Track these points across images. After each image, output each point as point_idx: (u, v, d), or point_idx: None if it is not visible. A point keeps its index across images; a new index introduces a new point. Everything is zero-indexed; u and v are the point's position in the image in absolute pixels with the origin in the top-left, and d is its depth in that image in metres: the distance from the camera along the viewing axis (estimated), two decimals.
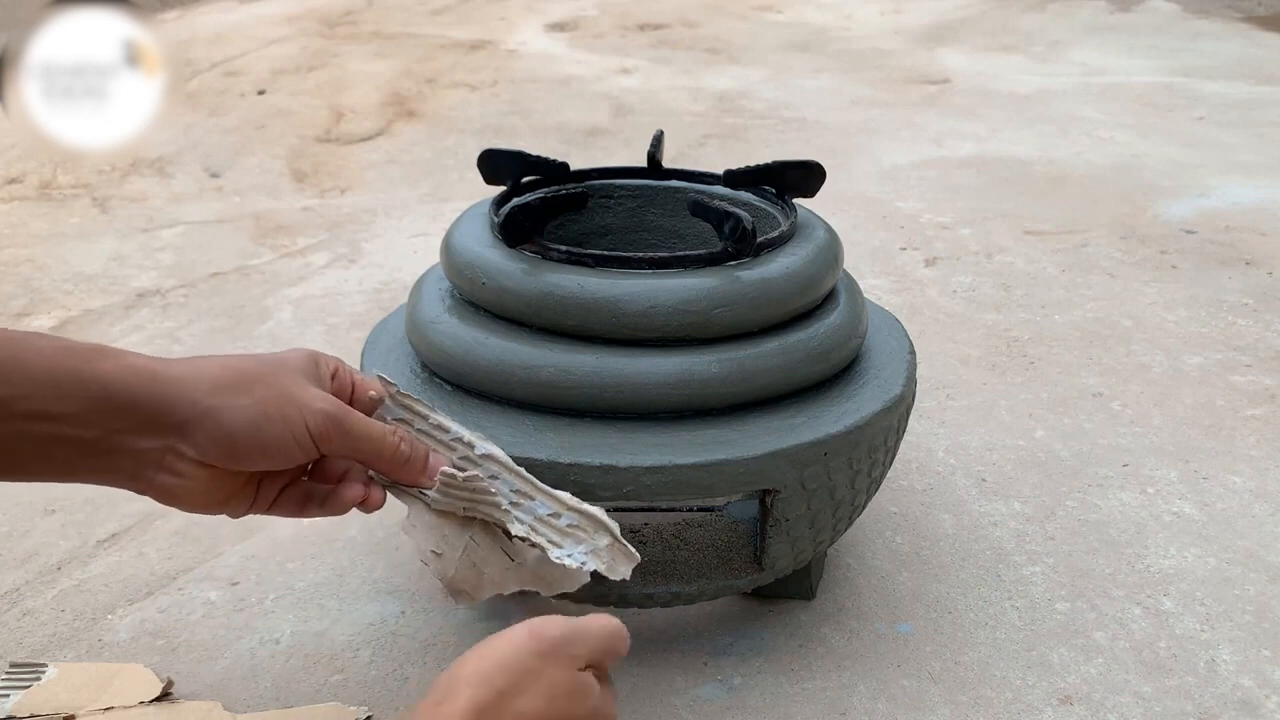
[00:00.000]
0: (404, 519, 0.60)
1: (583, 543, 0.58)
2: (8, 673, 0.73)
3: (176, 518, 0.94)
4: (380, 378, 0.59)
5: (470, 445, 0.59)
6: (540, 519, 0.59)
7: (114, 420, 0.49)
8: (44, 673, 0.73)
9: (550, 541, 0.58)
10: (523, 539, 0.57)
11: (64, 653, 0.77)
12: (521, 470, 0.59)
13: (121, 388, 0.49)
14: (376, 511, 0.60)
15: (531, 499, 0.59)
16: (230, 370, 0.52)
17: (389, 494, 0.60)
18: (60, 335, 0.51)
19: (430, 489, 0.58)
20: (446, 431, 0.60)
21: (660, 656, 0.77)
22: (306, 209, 1.74)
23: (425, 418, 0.60)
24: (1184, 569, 0.87)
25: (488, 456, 0.59)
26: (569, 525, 0.58)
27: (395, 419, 0.59)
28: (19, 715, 0.68)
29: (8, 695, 0.70)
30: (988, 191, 1.81)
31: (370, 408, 0.58)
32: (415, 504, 0.59)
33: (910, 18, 3.38)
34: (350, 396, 0.58)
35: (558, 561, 0.57)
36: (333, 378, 0.57)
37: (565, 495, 0.59)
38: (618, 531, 0.58)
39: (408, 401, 0.59)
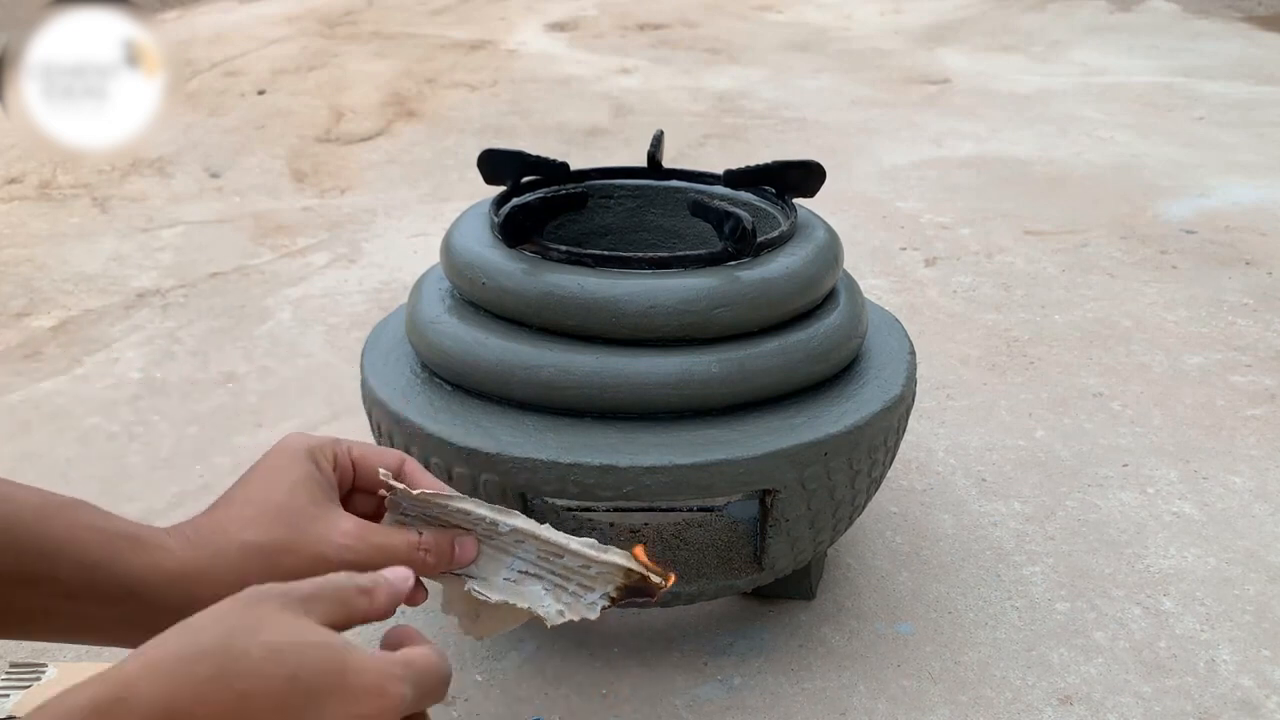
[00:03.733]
0: (441, 601, 0.59)
1: (610, 583, 0.57)
2: (8, 673, 0.73)
3: (176, 517, 0.94)
4: (387, 484, 0.55)
5: (494, 524, 0.58)
6: (570, 569, 0.58)
7: (144, 612, 0.48)
8: (44, 673, 0.73)
9: (582, 586, 0.57)
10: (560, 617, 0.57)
11: (64, 652, 0.77)
12: (546, 532, 0.57)
13: (150, 589, 0.48)
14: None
15: (560, 557, 0.58)
16: (254, 552, 0.50)
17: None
18: (106, 511, 0.51)
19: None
20: (467, 514, 0.58)
21: (660, 656, 0.77)
22: (306, 209, 1.74)
23: (443, 506, 0.58)
24: (1184, 569, 0.87)
25: (513, 530, 0.58)
26: (597, 573, 0.58)
27: (413, 511, 0.57)
28: (19, 715, 0.68)
29: (8, 695, 0.70)
30: (988, 191, 1.81)
31: (376, 485, 0.56)
32: (449, 581, 0.59)
33: (910, 18, 3.38)
34: (352, 481, 0.56)
35: (591, 615, 0.57)
36: (334, 468, 0.54)
37: (591, 550, 0.57)
38: (644, 569, 0.57)
39: (422, 497, 0.57)
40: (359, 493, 0.55)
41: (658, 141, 0.87)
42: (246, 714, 0.37)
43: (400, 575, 0.47)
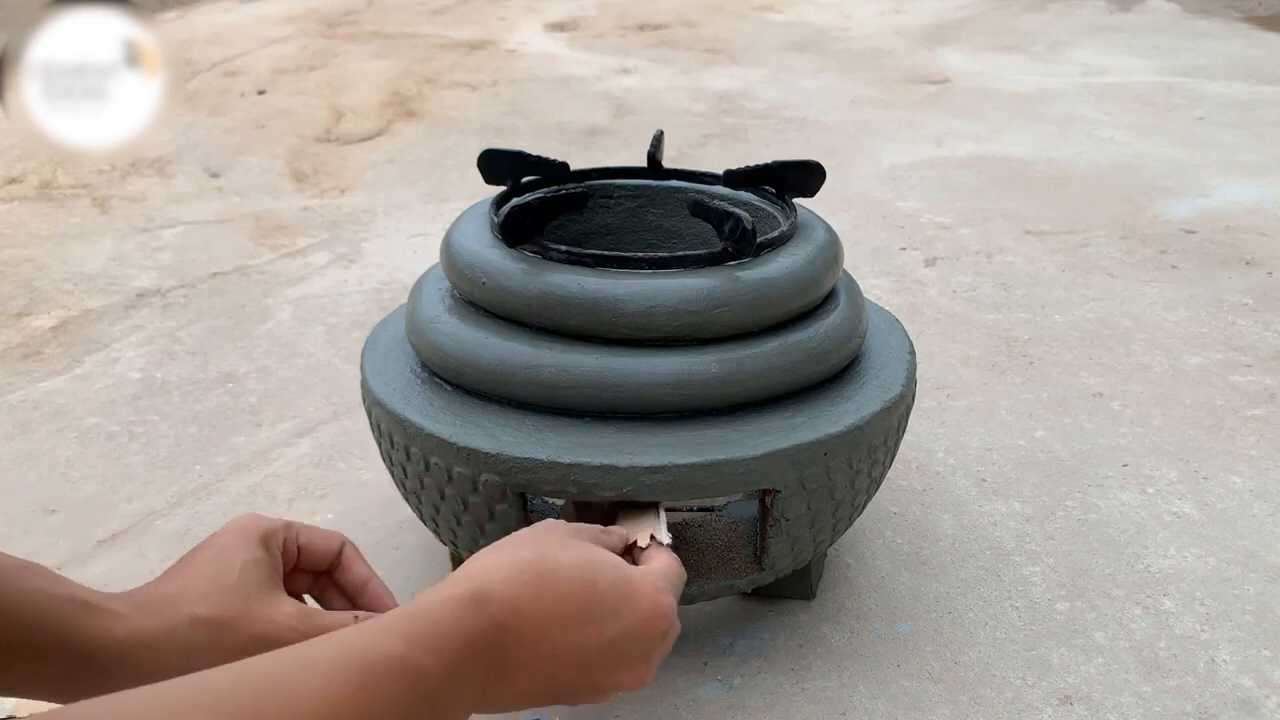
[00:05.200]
0: None
1: None
2: None
3: (176, 518, 0.94)
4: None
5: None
6: None
7: (91, 673, 0.51)
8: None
9: None
10: None
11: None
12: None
13: (101, 654, 0.50)
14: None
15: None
16: (202, 625, 0.52)
17: None
18: (56, 570, 0.54)
19: None
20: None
21: None
22: (306, 209, 1.74)
23: None
24: (1184, 569, 0.87)
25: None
26: None
27: None
28: (19, 716, 0.68)
29: (8, 695, 0.70)
30: (988, 191, 1.81)
31: (317, 567, 0.58)
32: None
33: (910, 18, 3.38)
34: (295, 562, 0.58)
35: None
36: (282, 552, 0.57)
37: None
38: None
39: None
40: (300, 573, 0.58)
41: (658, 141, 0.87)
42: (561, 613, 0.46)
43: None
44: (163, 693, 0.35)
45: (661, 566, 0.52)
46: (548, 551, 0.47)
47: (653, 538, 0.57)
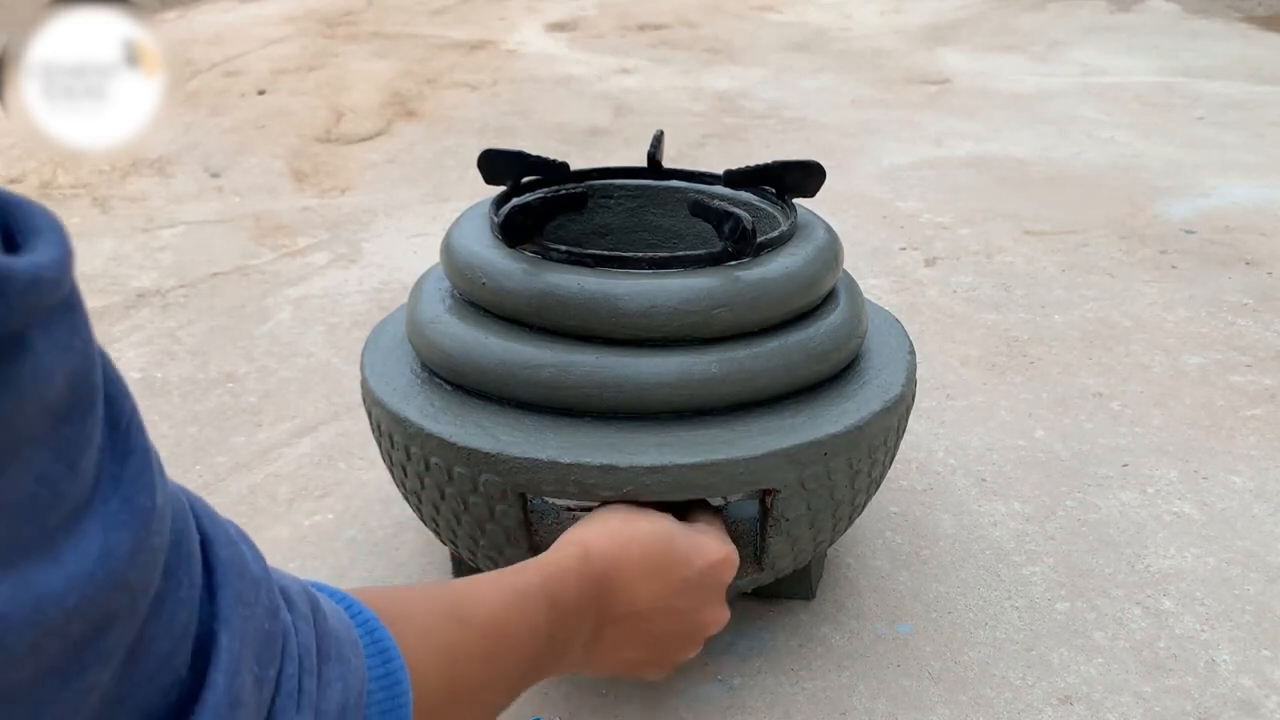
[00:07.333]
0: None
1: None
2: None
3: None
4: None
5: None
6: None
7: None
8: None
9: None
10: None
11: None
12: None
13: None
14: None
15: None
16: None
17: None
18: None
19: None
20: None
21: None
22: (306, 209, 1.74)
23: None
24: (1184, 569, 0.87)
25: None
26: None
27: None
28: None
29: None
30: (988, 191, 1.81)
31: None
32: None
33: (910, 18, 3.38)
34: None
35: None
36: None
37: None
38: None
39: None
40: None
41: (658, 141, 0.87)
42: (646, 564, 0.58)
43: None
44: (416, 590, 0.49)
45: (714, 526, 0.65)
46: (630, 518, 0.60)
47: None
